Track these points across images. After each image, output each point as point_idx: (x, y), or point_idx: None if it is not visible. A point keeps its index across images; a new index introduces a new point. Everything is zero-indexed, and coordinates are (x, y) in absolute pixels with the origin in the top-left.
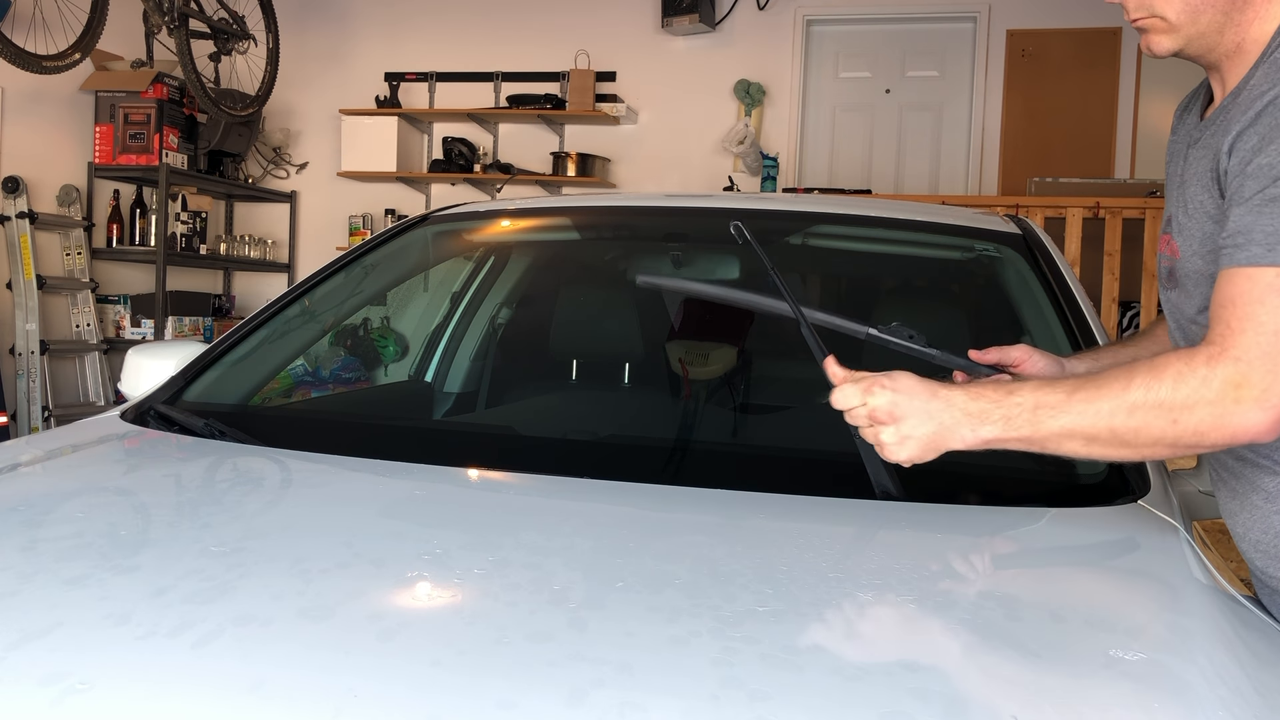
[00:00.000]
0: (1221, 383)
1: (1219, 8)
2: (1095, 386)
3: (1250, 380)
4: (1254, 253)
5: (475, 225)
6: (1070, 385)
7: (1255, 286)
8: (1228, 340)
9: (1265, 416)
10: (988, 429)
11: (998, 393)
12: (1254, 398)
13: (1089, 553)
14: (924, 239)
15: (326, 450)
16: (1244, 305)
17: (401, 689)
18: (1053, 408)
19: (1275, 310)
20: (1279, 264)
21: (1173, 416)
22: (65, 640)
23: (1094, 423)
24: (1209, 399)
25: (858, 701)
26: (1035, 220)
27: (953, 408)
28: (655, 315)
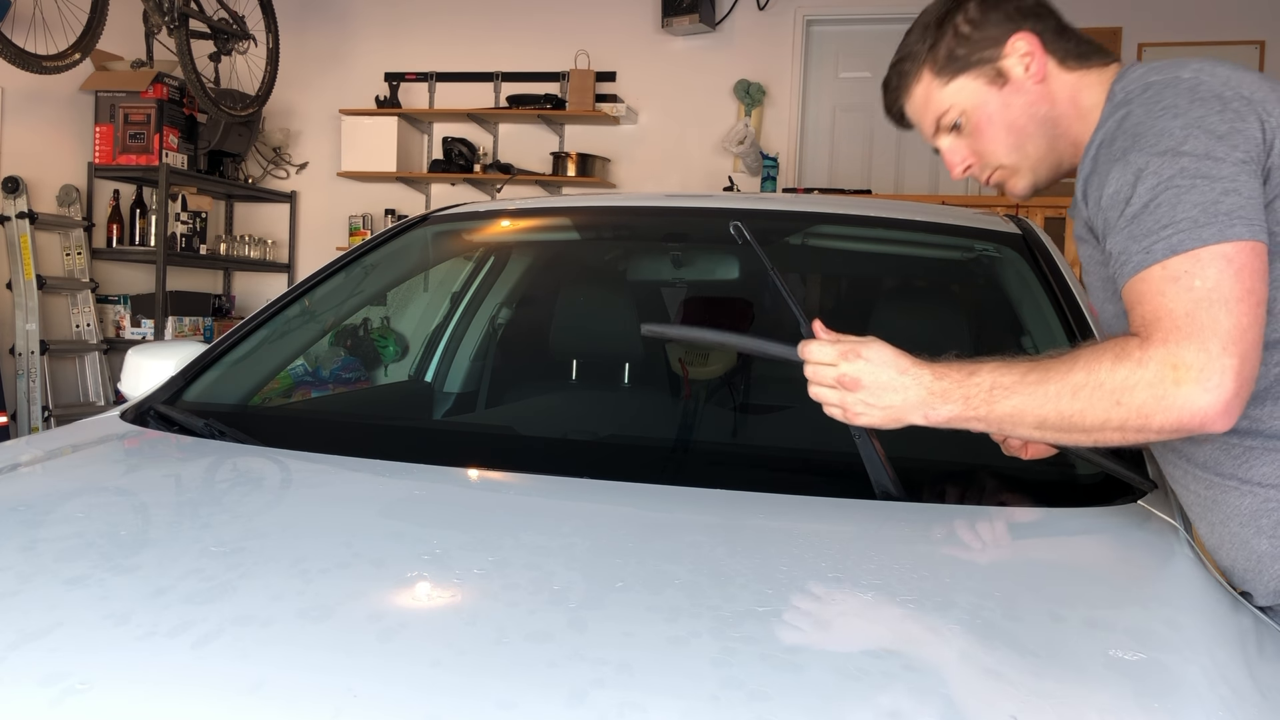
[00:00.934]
0: (1157, 364)
1: (1036, 133)
2: (1044, 369)
3: (1184, 360)
4: (1136, 261)
5: (475, 225)
6: (1024, 367)
7: (1151, 284)
8: (1150, 328)
9: (1210, 398)
10: (948, 408)
11: (960, 373)
12: (1192, 378)
13: (1089, 553)
14: (924, 239)
15: (326, 450)
16: (1150, 301)
17: (401, 689)
18: (1006, 389)
19: (1177, 296)
20: (1160, 259)
21: (1115, 398)
22: (65, 640)
23: (1041, 404)
24: (1148, 380)
25: (858, 701)
26: (1035, 220)
27: (919, 385)
28: (655, 315)
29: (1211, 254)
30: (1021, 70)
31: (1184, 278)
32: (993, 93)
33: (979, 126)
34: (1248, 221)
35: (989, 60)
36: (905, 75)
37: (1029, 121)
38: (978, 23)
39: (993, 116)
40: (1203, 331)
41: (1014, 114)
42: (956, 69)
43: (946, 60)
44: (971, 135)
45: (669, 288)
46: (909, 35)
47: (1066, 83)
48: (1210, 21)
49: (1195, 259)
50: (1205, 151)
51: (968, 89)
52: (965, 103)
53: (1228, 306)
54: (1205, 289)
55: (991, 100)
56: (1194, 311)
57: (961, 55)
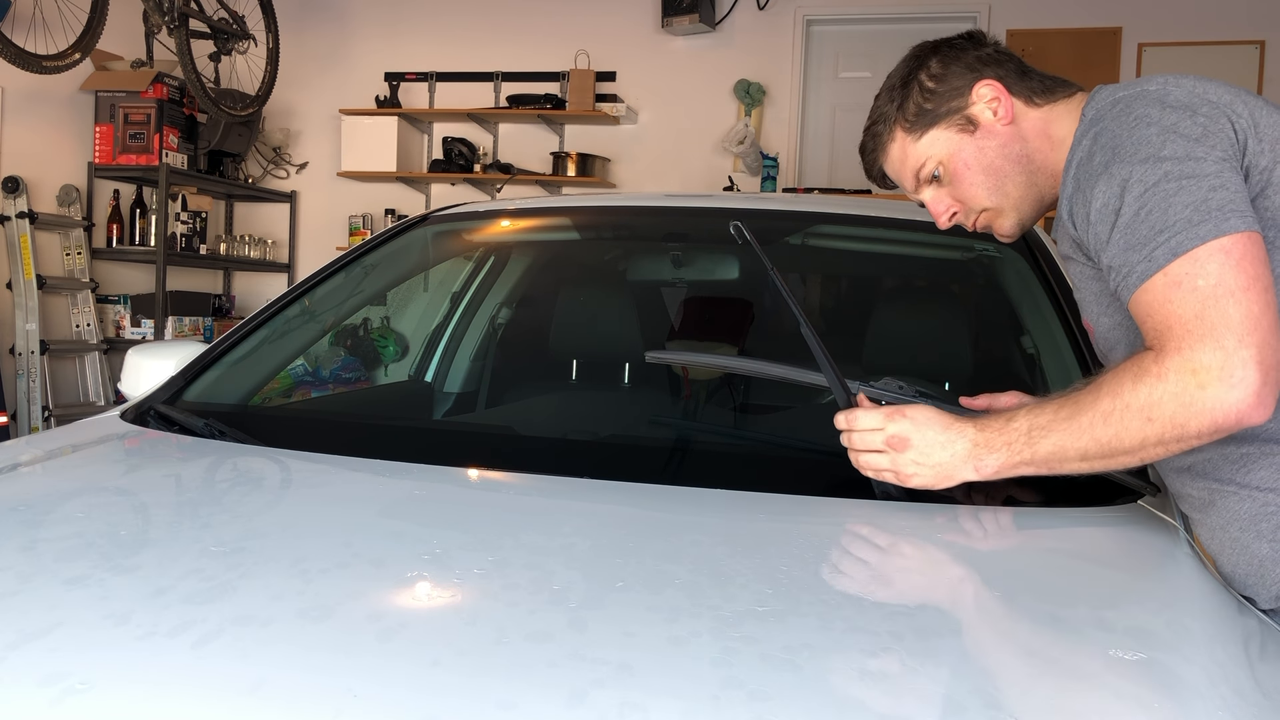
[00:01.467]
0: (1176, 373)
1: (1013, 172)
2: (1074, 403)
3: (1202, 363)
4: (1140, 271)
5: (475, 225)
6: (1055, 405)
7: (1155, 293)
8: (1163, 339)
9: (1240, 394)
10: (994, 457)
11: (999, 421)
12: (1215, 377)
13: (1089, 553)
14: (924, 239)
15: (326, 450)
16: (1158, 310)
17: (401, 689)
18: (1043, 429)
19: (1184, 301)
20: (1160, 267)
21: (1146, 415)
22: (65, 640)
23: (1079, 437)
24: (1172, 391)
25: (858, 701)
26: None
27: (964, 438)
28: (655, 315)
29: (1209, 250)
30: (990, 115)
31: (1186, 279)
32: (965, 140)
33: (957, 173)
34: (1240, 214)
35: (957, 110)
36: (879, 137)
37: (1005, 162)
38: (940, 76)
39: (969, 162)
40: (1215, 329)
41: (990, 157)
42: (927, 123)
43: (916, 116)
44: (951, 183)
45: (669, 288)
46: (878, 100)
47: (1035, 119)
48: (1210, 21)
49: (1194, 259)
50: (1185, 154)
51: (940, 140)
52: (940, 153)
53: (1235, 298)
54: (1210, 285)
55: (965, 147)
56: (1202, 311)
57: (930, 109)
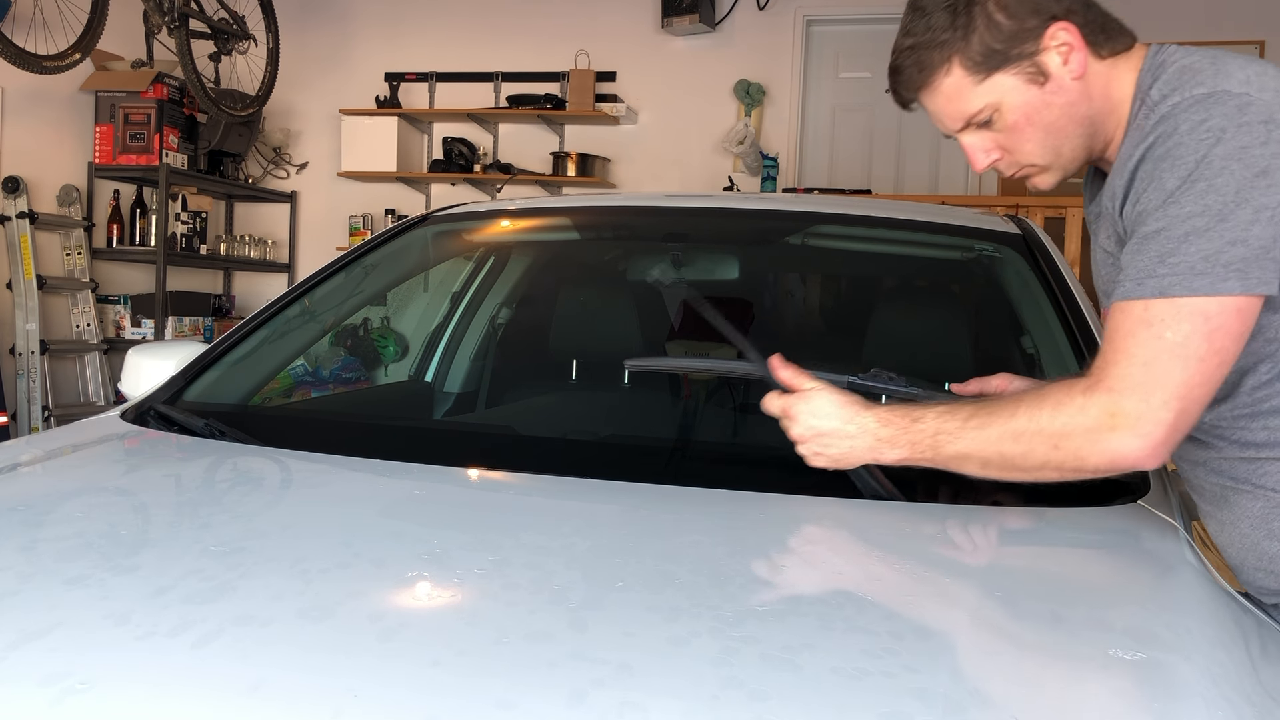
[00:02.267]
0: (1097, 411)
1: (1073, 134)
2: (988, 413)
3: (1123, 409)
4: (1126, 288)
5: (475, 225)
6: (968, 411)
7: (1127, 320)
8: (1104, 372)
9: (1141, 443)
10: (896, 452)
11: (905, 419)
12: (1129, 425)
13: (1089, 553)
14: (924, 239)
15: (326, 450)
16: (1119, 340)
17: (401, 689)
18: (950, 434)
19: (1143, 343)
20: (1145, 297)
21: (1054, 442)
22: (65, 640)
23: (984, 448)
24: (1085, 426)
25: (858, 701)
26: (1035, 220)
27: (865, 434)
28: (655, 315)
29: (1193, 308)
30: (1060, 64)
31: (1157, 325)
32: (1033, 91)
33: (1015, 126)
34: (1243, 275)
35: (1029, 55)
36: (927, 67)
37: (1068, 123)
38: (1013, 10)
39: (1031, 117)
40: (1151, 383)
41: (1054, 115)
42: (994, 65)
43: (982, 55)
44: (1005, 132)
45: (668, 287)
46: (929, 16)
47: (1100, 75)
48: (1210, 21)
49: (1175, 309)
50: (1234, 190)
51: (1005, 87)
52: (1002, 101)
53: (1187, 364)
54: (1173, 342)
55: (1031, 100)
56: (1153, 362)
57: (999, 50)
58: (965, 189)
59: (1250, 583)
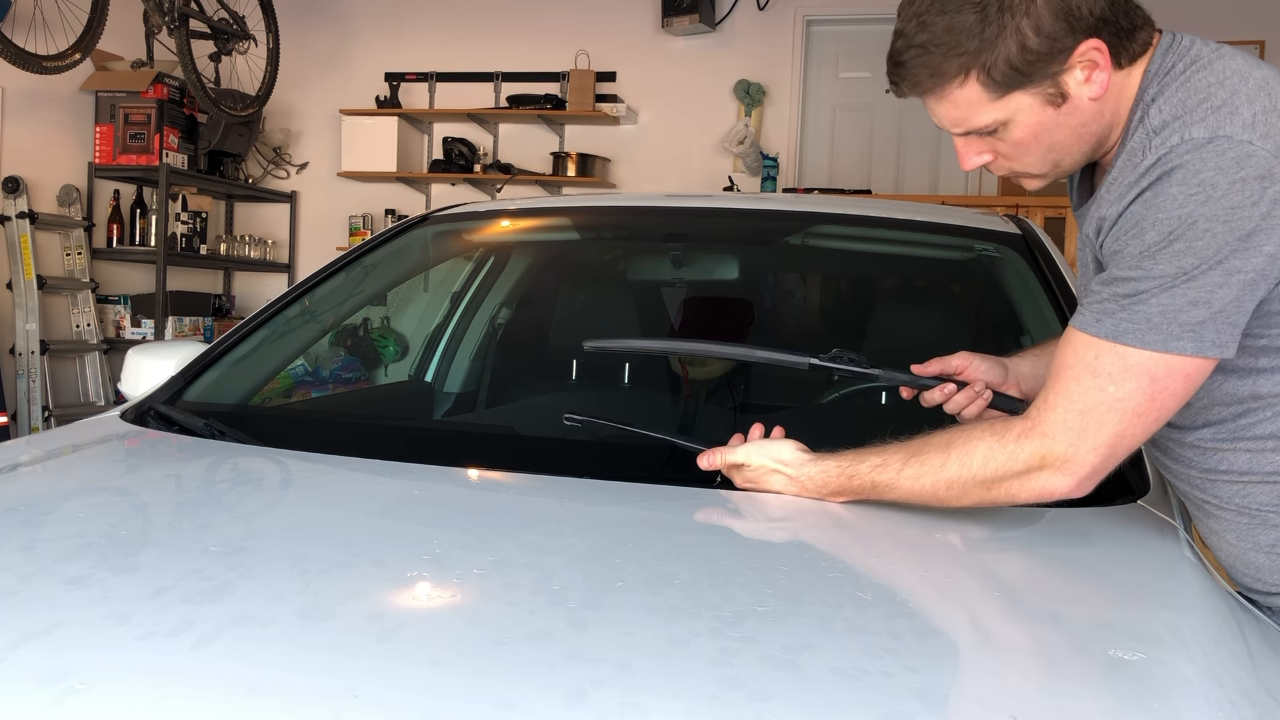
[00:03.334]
0: (1028, 456)
1: (1076, 148)
2: (920, 461)
3: (1053, 453)
4: (1084, 319)
5: (475, 225)
6: (900, 459)
7: (1079, 361)
8: (1042, 414)
9: (1067, 481)
10: (841, 499)
11: (842, 476)
12: (1056, 466)
13: (1089, 553)
14: (924, 239)
15: (326, 450)
16: (1064, 381)
17: (401, 690)
18: (888, 485)
19: (1086, 391)
20: (1099, 338)
21: (986, 486)
22: (65, 640)
23: (920, 494)
24: (1016, 470)
25: (858, 701)
26: (1035, 220)
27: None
28: (655, 315)
29: (1141, 366)
30: (1081, 83)
31: (1103, 377)
32: (1047, 112)
33: (1020, 142)
34: (1197, 337)
35: (1052, 75)
36: (941, 75)
37: (1075, 141)
38: (1046, 28)
39: (1039, 137)
40: (1084, 431)
41: (1063, 135)
42: (1013, 85)
43: (1004, 74)
44: (1007, 145)
45: (669, 288)
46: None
47: (1115, 86)
48: (1210, 21)
49: (1124, 364)
50: (1213, 253)
51: (1020, 106)
52: (1013, 119)
53: (1124, 419)
54: (1115, 397)
55: (1044, 120)
56: (1090, 410)
57: (1024, 69)
58: (965, 189)
59: (1241, 584)
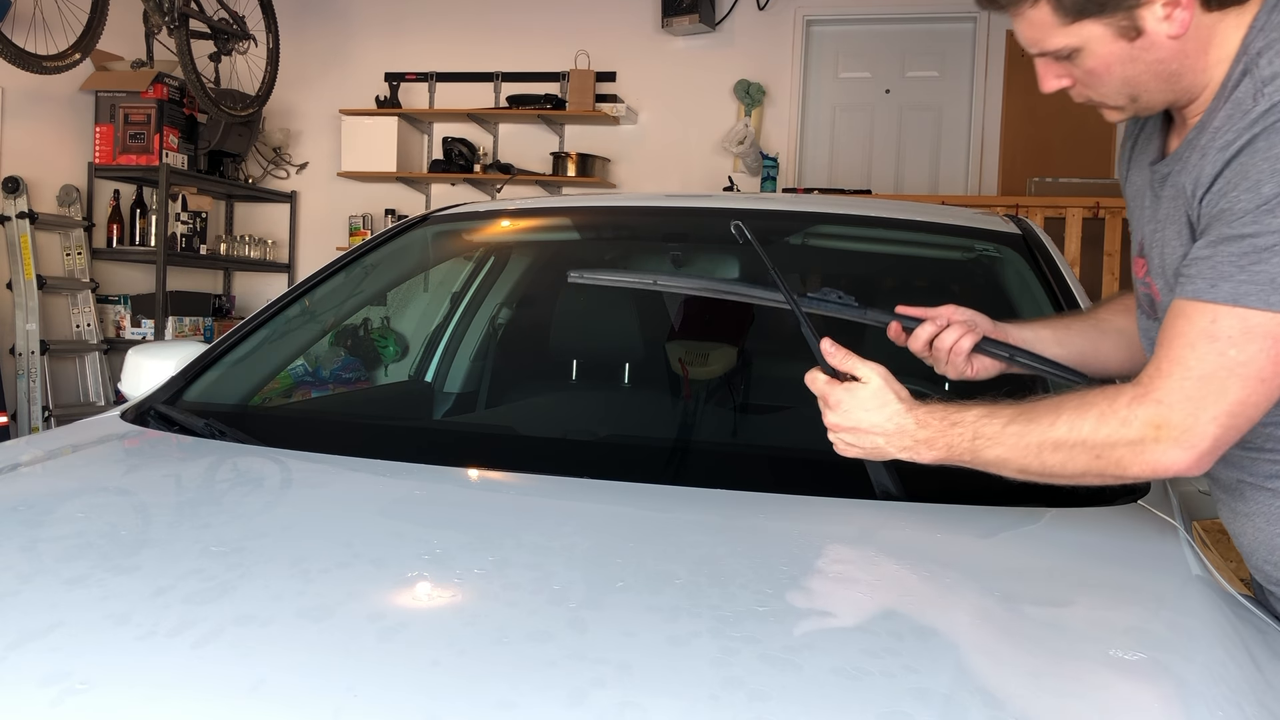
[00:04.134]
0: (1142, 423)
1: (1155, 88)
2: (1028, 419)
3: (1170, 421)
4: (1198, 286)
5: (475, 225)
6: (1008, 415)
7: (1192, 328)
8: (1155, 382)
9: (1186, 455)
10: (931, 453)
11: (943, 421)
12: (1174, 437)
13: (1089, 553)
14: (924, 239)
15: (326, 450)
16: (1178, 348)
17: (401, 689)
18: (989, 439)
19: (1204, 356)
20: (1217, 302)
21: (1095, 453)
22: (65, 640)
23: (1023, 455)
24: (1129, 438)
25: (858, 701)
26: (1035, 220)
27: (903, 433)
28: (655, 315)
29: (1265, 328)
30: (1160, 19)
31: (1223, 341)
32: (1120, 45)
33: (1094, 73)
34: None
35: (1127, 8)
36: None
37: (1152, 78)
38: None
39: (1112, 68)
40: (1205, 399)
41: (1137, 70)
42: (1084, 13)
43: (1075, 3)
44: (1082, 73)
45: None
46: None
47: (1203, 29)
48: None
49: (1245, 326)
50: None
51: (1091, 35)
52: (1084, 48)
53: (1246, 385)
54: (1236, 361)
55: (1116, 52)
56: (1209, 377)
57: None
58: (965, 189)
59: (1258, 569)
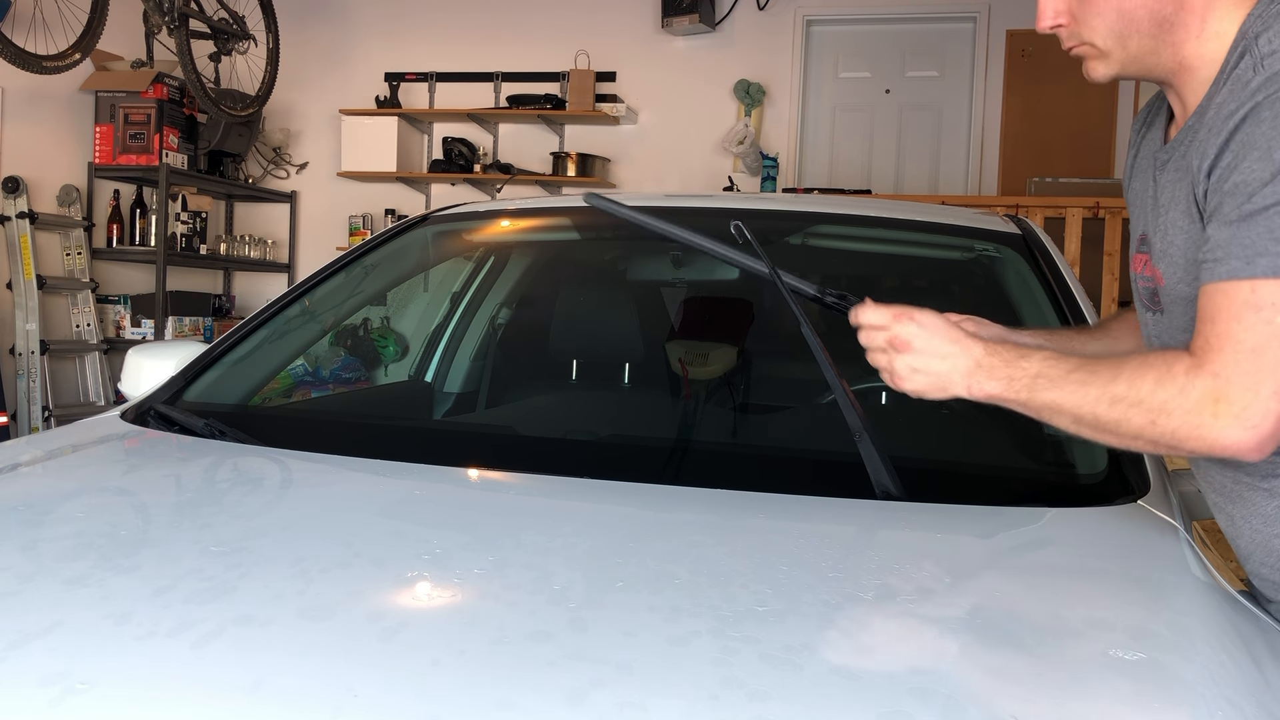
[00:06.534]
0: (1200, 395)
1: (1146, 32)
2: (1090, 370)
3: (1229, 396)
4: (1233, 266)
5: (475, 225)
6: (1072, 364)
7: (1233, 303)
8: (1207, 355)
9: (1245, 435)
10: (992, 384)
11: (1010, 354)
12: (1234, 414)
13: (1089, 553)
14: (924, 239)
15: (326, 450)
16: (1223, 322)
17: (401, 689)
18: (1050, 381)
19: (1251, 327)
20: (1255, 277)
21: (1151, 417)
22: (65, 640)
23: (1080, 404)
24: (1186, 408)
25: (858, 701)
26: (1035, 220)
27: (968, 356)
28: (655, 315)
29: None
30: None
31: (1268, 309)
32: None
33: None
34: None
35: None
36: None
37: (1146, 17)
38: None
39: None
40: (1261, 371)
41: (1133, 3)
42: None
43: None
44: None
45: (669, 287)
46: None
47: None
48: None
49: None
50: None
51: None
52: None
53: None
54: None
55: None
56: (1262, 348)
57: None
58: (965, 189)
59: (1255, 573)
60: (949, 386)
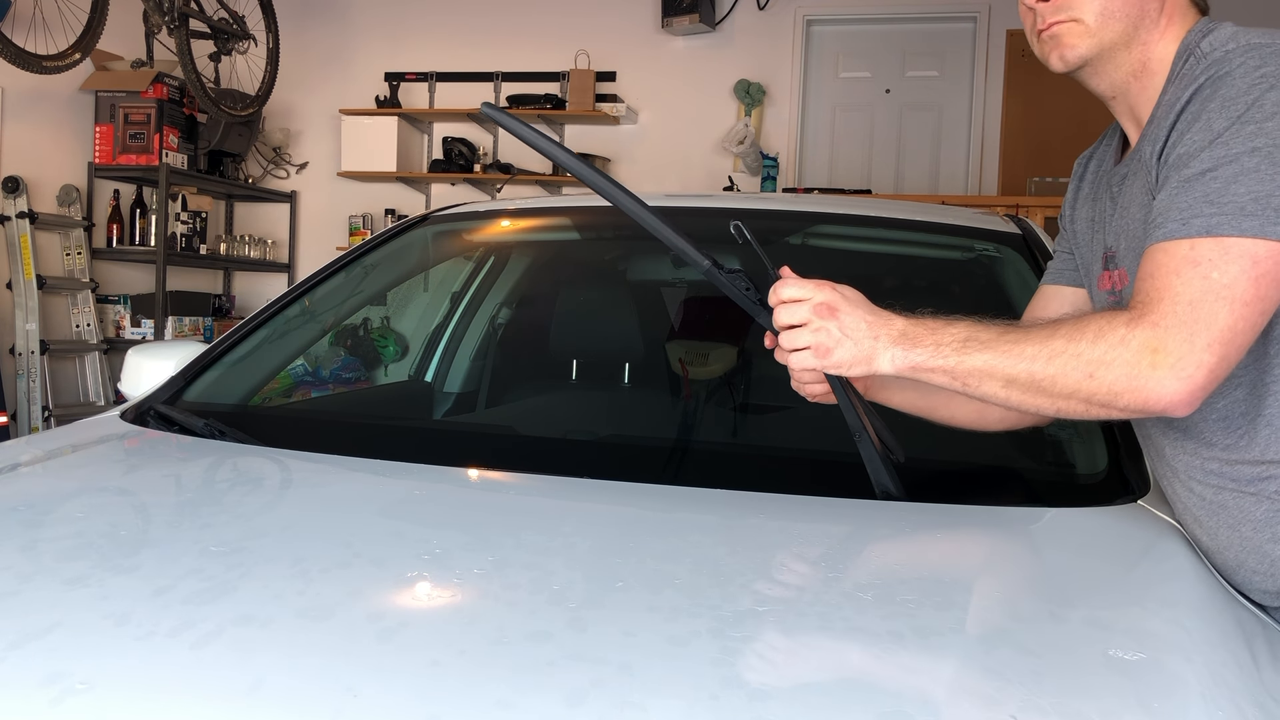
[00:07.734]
0: (1139, 344)
1: (1129, 18)
2: (1023, 330)
3: (1167, 347)
4: (1170, 228)
5: (475, 225)
6: (1003, 327)
7: (1172, 259)
8: (1147, 308)
9: (1180, 386)
10: (917, 353)
11: (935, 322)
12: (1169, 364)
13: (1089, 553)
14: (924, 239)
15: (326, 450)
16: (1162, 277)
17: (401, 689)
18: (981, 344)
19: (1189, 281)
20: (1192, 236)
21: (1090, 370)
22: (65, 640)
23: (1014, 364)
24: (1126, 358)
25: (857, 702)
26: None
27: (891, 326)
28: (655, 315)
29: (1241, 249)
30: None
31: (1204, 264)
32: None
33: None
34: None
35: None
36: None
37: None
38: None
39: None
40: (1197, 324)
41: None
42: None
43: None
44: None
45: (668, 287)
46: None
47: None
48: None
49: (1223, 249)
50: None
51: None
52: None
53: (1232, 307)
54: (1220, 283)
55: None
56: (1198, 301)
57: None
58: (965, 189)
59: (1247, 583)
60: (873, 356)
